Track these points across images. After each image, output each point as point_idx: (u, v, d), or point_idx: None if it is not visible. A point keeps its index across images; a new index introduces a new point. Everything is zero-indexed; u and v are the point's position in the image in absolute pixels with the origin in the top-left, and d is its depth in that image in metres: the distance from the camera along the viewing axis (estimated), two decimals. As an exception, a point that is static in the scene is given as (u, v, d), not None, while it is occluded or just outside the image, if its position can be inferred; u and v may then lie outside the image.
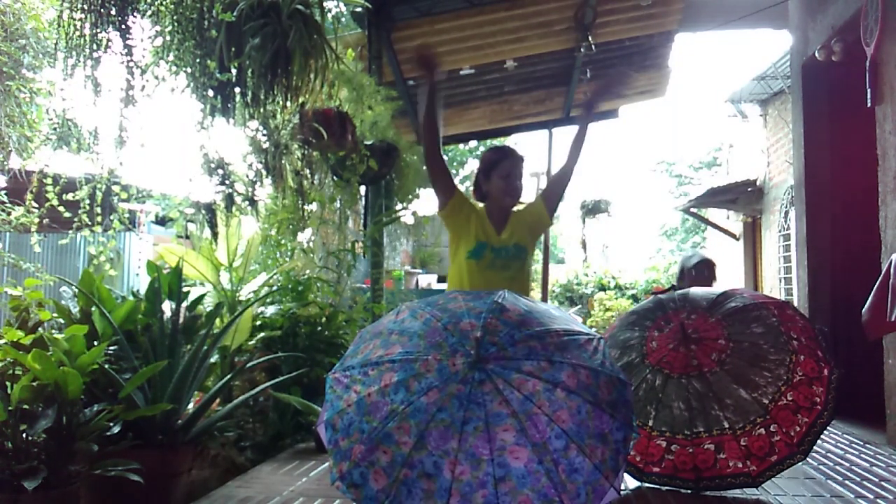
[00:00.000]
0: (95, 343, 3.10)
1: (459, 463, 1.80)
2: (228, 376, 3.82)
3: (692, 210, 12.21)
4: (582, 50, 6.75)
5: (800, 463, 2.97)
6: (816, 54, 5.17)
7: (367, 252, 5.81)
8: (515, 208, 3.04)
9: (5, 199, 3.94)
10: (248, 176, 4.00)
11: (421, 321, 2.09)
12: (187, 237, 4.70)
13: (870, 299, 3.09)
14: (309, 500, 3.09)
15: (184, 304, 3.63)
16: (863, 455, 3.92)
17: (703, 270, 4.25)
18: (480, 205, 3.06)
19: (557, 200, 3.10)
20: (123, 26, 2.99)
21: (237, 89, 3.37)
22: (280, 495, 3.17)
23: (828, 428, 3.16)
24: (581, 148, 3.10)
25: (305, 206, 4.79)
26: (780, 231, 9.19)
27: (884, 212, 4.17)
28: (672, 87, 9.04)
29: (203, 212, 3.81)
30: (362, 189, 5.78)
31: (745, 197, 10.30)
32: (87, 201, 3.66)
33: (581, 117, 3.22)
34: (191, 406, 3.61)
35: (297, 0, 3.23)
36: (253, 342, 4.48)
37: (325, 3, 3.61)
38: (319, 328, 4.77)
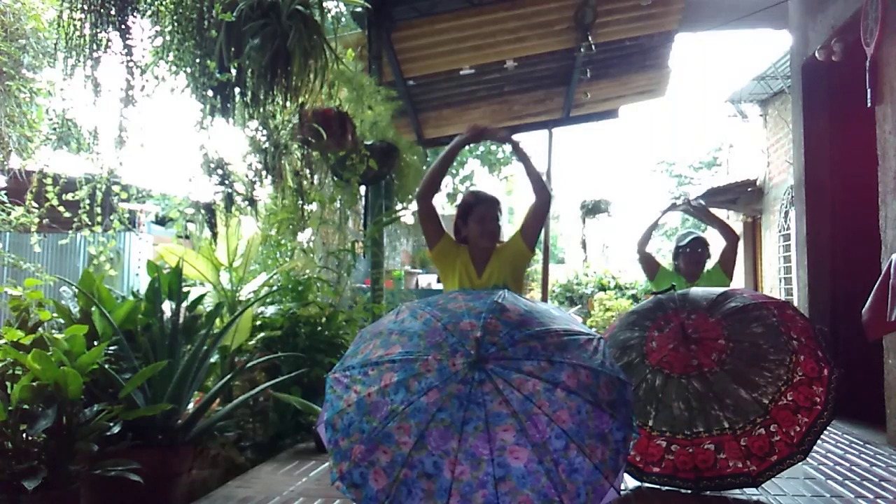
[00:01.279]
0: (95, 343, 3.10)
1: (459, 463, 1.80)
2: (228, 376, 3.82)
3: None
4: (582, 50, 6.75)
5: (800, 463, 2.97)
6: (816, 54, 5.17)
7: (367, 252, 5.81)
8: (495, 247, 3.13)
9: (5, 199, 3.94)
10: (247, 176, 4.00)
11: (421, 321, 2.09)
12: (187, 237, 4.70)
13: (870, 299, 3.09)
14: (309, 500, 3.09)
15: (184, 304, 3.63)
16: (863, 455, 3.92)
17: (696, 247, 4.31)
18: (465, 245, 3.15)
19: (536, 234, 3.18)
20: (123, 26, 2.99)
21: (237, 89, 3.38)
22: (280, 495, 3.17)
23: (828, 428, 3.16)
24: (535, 175, 3.15)
25: (305, 206, 4.79)
26: (780, 231, 9.19)
27: (884, 212, 4.17)
28: (672, 87, 9.04)
29: (203, 212, 3.81)
30: (362, 189, 5.79)
31: (745, 197, 10.30)
32: (87, 201, 3.66)
33: (514, 151, 3.29)
34: (191, 406, 3.61)
35: (297, 0, 3.23)
36: (253, 342, 4.48)
37: (325, 3, 3.61)
38: (319, 328, 4.76)
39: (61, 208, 3.79)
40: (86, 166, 3.60)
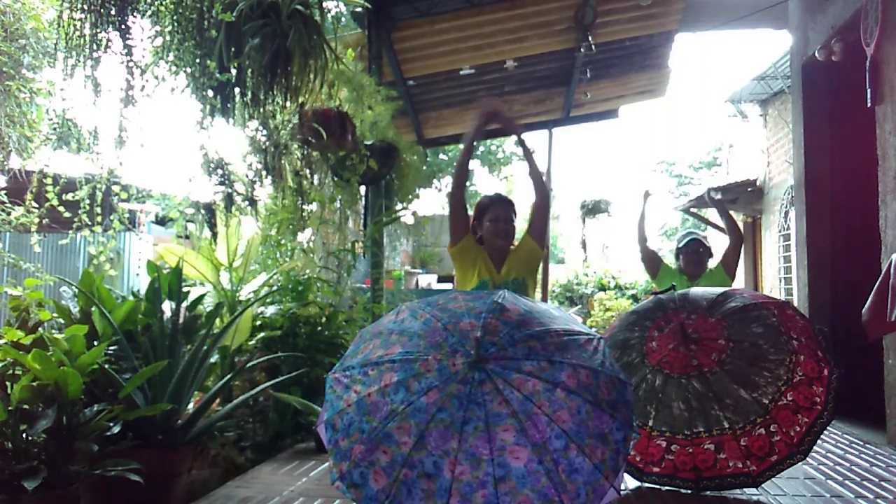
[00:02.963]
0: (95, 343, 3.10)
1: (459, 463, 1.80)
2: (228, 376, 3.82)
3: (692, 210, 12.19)
4: (582, 50, 6.76)
5: (800, 463, 2.97)
6: (816, 54, 5.17)
7: (367, 252, 5.81)
8: (511, 247, 3.27)
9: (5, 199, 3.94)
10: (247, 176, 4.00)
11: (421, 321, 2.09)
12: (187, 237, 4.69)
13: (870, 299, 3.09)
14: (309, 500, 3.09)
15: (184, 304, 3.63)
16: (863, 455, 3.92)
17: (696, 248, 4.35)
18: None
19: (543, 231, 3.34)
20: (123, 26, 2.99)
21: (237, 89, 3.38)
22: (280, 495, 3.17)
23: (828, 428, 3.16)
24: (536, 173, 3.32)
25: (305, 206, 4.79)
26: (780, 231, 9.19)
27: (884, 212, 4.17)
28: (672, 87, 9.05)
29: (203, 212, 3.81)
30: (362, 189, 5.79)
31: (745, 197, 10.30)
32: (87, 201, 3.66)
33: (520, 145, 3.56)
34: (191, 406, 3.61)
35: (297, 0, 3.23)
36: (253, 342, 4.48)
37: (325, 3, 3.62)
38: (319, 328, 4.76)
39: (61, 208, 3.79)
40: (86, 166, 3.60)
